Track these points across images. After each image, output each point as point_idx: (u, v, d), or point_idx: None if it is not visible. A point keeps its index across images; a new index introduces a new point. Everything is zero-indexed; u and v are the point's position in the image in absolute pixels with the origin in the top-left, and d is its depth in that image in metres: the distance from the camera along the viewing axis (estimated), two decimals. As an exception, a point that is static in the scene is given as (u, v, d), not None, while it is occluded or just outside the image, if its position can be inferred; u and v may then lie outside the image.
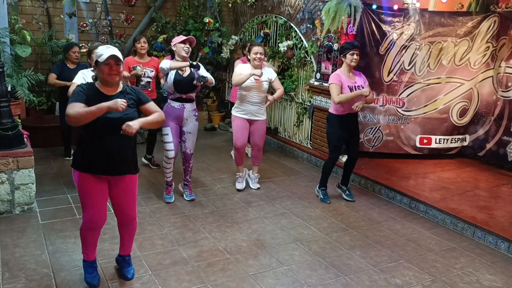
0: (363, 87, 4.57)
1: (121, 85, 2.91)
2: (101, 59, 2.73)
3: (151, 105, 2.98)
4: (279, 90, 4.86)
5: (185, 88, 4.30)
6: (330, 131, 4.74)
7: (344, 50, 4.57)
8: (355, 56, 4.51)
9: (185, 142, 4.52)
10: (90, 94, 2.75)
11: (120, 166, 2.91)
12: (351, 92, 4.51)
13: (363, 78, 4.70)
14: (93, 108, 2.64)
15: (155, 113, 2.96)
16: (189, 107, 4.42)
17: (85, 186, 2.86)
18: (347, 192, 4.98)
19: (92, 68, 3.29)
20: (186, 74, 4.30)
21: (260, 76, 4.62)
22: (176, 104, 4.36)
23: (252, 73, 4.59)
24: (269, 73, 4.83)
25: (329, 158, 4.87)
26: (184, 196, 4.70)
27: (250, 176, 5.20)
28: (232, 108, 5.02)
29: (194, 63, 4.34)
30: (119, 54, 2.77)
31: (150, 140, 5.79)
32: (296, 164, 6.29)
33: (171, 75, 4.25)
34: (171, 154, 4.45)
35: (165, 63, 4.23)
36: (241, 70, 4.73)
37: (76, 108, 2.63)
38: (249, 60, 4.80)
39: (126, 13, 7.73)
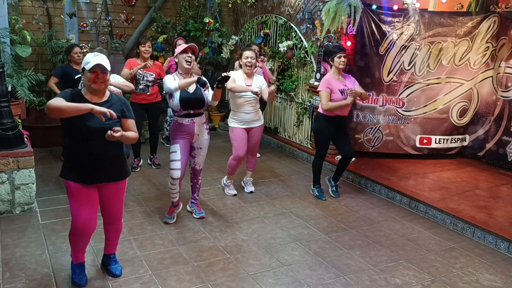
0: None
1: (107, 94, 2.90)
2: (87, 67, 2.73)
3: (131, 123, 2.95)
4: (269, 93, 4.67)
5: (193, 105, 3.92)
6: (318, 130, 4.85)
7: (331, 54, 4.66)
8: (342, 59, 4.60)
9: (194, 157, 4.14)
10: (75, 100, 2.73)
11: (106, 173, 2.91)
12: (341, 95, 4.62)
13: (352, 80, 4.81)
14: (75, 104, 2.63)
15: (131, 132, 2.92)
16: (199, 121, 4.02)
17: (74, 195, 2.87)
18: (334, 188, 5.08)
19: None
20: (192, 90, 3.92)
21: (258, 94, 4.51)
22: (185, 121, 3.96)
23: (251, 91, 4.49)
24: (259, 80, 4.74)
25: (316, 155, 4.97)
26: (193, 214, 4.31)
27: (244, 180, 5.16)
28: (229, 118, 4.83)
29: (202, 78, 3.92)
30: (106, 63, 2.76)
31: (153, 141, 5.84)
32: (296, 164, 6.29)
33: (176, 93, 3.85)
34: (177, 174, 3.95)
35: (171, 82, 3.81)
36: (235, 77, 4.61)
37: (58, 101, 2.62)
38: (240, 66, 4.72)
39: (126, 13, 7.73)
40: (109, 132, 2.65)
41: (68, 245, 3.55)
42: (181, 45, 3.98)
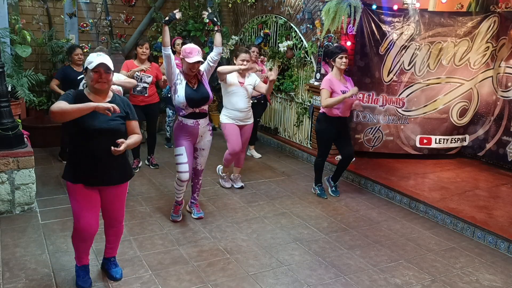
0: None
1: (110, 94, 2.89)
2: (90, 66, 2.72)
3: (135, 125, 2.97)
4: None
5: (199, 102, 3.89)
6: (319, 130, 4.87)
7: (333, 55, 4.66)
8: (344, 60, 4.60)
9: (197, 158, 4.13)
10: (79, 101, 2.71)
11: (110, 175, 2.89)
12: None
13: (350, 83, 4.82)
14: (78, 105, 2.62)
15: (136, 135, 2.95)
16: (203, 123, 4.00)
17: (76, 197, 2.85)
18: (333, 188, 5.10)
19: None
20: (196, 86, 3.92)
21: (247, 69, 4.70)
22: (189, 122, 3.92)
23: (239, 68, 4.66)
24: (253, 78, 4.90)
25: (318, 156, 4.99)
26: (192, 214, 4.30)
27: (232, 178, 5.22)
28: (221, 115, 4.93)
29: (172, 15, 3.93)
30: (109, 63, 2.75)
31: (151, 142, 5.82)
32: (296, 164, 6.29)
33: (181, 89, 3.83)
34: (185, 176, 3.98)
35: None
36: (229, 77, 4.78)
37: (61, 105, 2.61)
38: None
39: (126, 13, 7.73)
40: (113, 148, 2.69)
41: (68, 245, 3.58)
42: (190, 54, 3.78)
